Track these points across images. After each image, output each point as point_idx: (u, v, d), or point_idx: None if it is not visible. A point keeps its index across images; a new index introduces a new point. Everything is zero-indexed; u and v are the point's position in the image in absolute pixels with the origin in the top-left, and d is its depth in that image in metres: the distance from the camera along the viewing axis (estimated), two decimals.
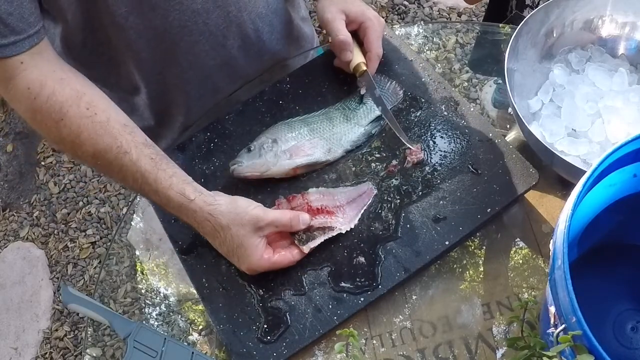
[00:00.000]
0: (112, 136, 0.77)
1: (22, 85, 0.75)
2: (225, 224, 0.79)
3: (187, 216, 0.80)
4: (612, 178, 0.68)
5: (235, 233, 0.79)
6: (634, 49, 0.96)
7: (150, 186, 0.78)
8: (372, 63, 0.95)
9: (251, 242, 0.79)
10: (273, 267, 0.81)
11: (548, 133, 0.89)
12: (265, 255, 0.80)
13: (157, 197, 0.80)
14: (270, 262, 0.80)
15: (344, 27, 0.93)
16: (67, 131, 0.76)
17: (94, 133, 0.76)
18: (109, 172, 0.80)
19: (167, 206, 0.80)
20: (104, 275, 1.02)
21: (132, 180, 0.78)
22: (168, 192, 0.78)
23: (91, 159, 0.78)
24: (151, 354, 0.75)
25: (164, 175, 0.79)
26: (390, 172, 0.89)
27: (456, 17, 2.46)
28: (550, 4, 0.91)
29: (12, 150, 2.48)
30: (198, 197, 0.79)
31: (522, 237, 0.85)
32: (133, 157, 0.77)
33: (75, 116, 0.76)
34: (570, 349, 0.54)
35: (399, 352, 0.79)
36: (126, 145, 0.77)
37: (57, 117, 0.75)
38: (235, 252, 0.80)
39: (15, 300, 2.10)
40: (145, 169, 0.78)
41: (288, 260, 0.81)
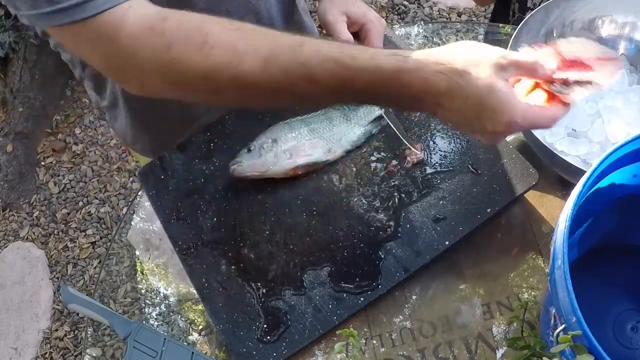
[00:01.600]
0: (275, 37, 0.63)
1: (140, 28, 0.61)
2: (461, 68, 0.60)
3: (408, 85, 0.61)
4: (612, 178, 0.68)
5: (477, 78, 0.60)
6: (634, 49, 0.96)
7: (351, 68, 0.61)
8: None
9: (500, 86, 0.60)
10: (535, 122, 0.62)
11: (548, 133, 0.89)
12: (524, 102, 0.61)
13: (364, 77, 0.61)
14: (532, 111, 0.61)
15: (345, 28, 0.93)
16: (218, 53, 0.61)
17: (254, 38, 0.62)
18: (288, 83, 0.62)
19: (379, 82, 0.62)
20: (104, 275, 1.02)
21: (323, 74, 0.61)
22: (376, 60, 0.61)
23: (261, 75, 0.61)
24: (151, 354, 0.75)
25: (357, 49, 0.63)
26: (390, 172, 0.89)
27: (456, 17, 2.46)
28: (550, 4, 0.92)
29: (12, 150, 2.48)
30: (412, 53, 0.62)
31: (522, 237, 0.85)
32: (312, 46, 0.62)
33: (221, 32, 0.62)
34: (570, 349, 0.54)
35: (399, 352, 0.79)
36: (298, 39, 0.62)
37: (200, 41, 0.61)
38: (485, 108, 0.60)
39: (15, 300, 2.10)
40: (335, 51, 0.61)
41: (551, 114, 0.62)
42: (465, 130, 0.66)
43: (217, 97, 0.66)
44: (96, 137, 2.46)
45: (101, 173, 2.33)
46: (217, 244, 0.88)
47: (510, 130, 0.63)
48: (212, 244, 0.88)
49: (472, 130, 0.65)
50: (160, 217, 0.92)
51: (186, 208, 0.92)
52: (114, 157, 2.37)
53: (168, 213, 0.92)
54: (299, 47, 0.61)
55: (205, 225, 0.90)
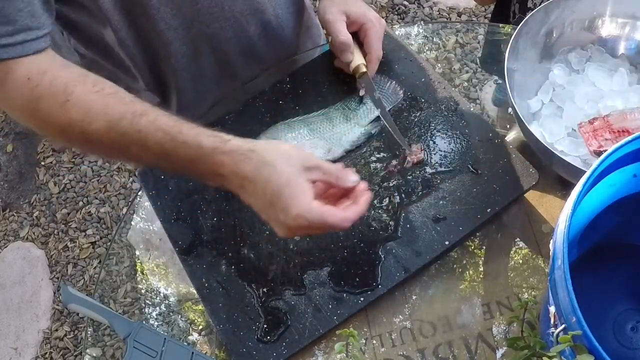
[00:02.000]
0: (124, 103, 0.71)
1: (21, 76, 0.69)
2: (269, 160, 0.68)
3: (220, 164, 0.69)
4: (612, 178, 0.68)
5: (281, 170, 0.67)
6: (634, 49, 0.96)
7: (176, 140, 0.69)
8: (372, 65, 0.95)
9: (300, 182, 0.67)
10: (323, 222, 0.68)
11: (548, 133, 0.89)
12: (316, 201, 0.68)
13: (185, 150, 0.69)
14: (321, 212, 0.67)
15: (344, 28, 0.93)
16: (75, 110, 0.69)
17: (105, 105, 0.70)
18: (124, 145, 0.70)
19: (197, 157, 0.69)
20: (104, 275, 1.02)
21: (152, 142, 0.69)
22: (199, 138, 0.69)
23: (105, 135, 0.70)
24: (151, 354, 0.75)
25: (188, 126, 0.71)
26: (390, 172, 0.89)
27: (456, 17, 2.46)
28: (550, 4, 0.92)
29: (12, 150, 2.48)
30: (233, 138, 0.70)
31: (522, 237, 0.85)
32: (150, 117, 0.70)
33: (82, 93, 0.70)
34: (570, 349, 0.54)
35: (399, 352, 0.79)
36: (141, 108, 0.71)
37: (63, 99, 0.69)
38: (279, 197, 0.67)
39: (15, 300, 2.10)
40: (167, 124, 0.70)
41: (342, 215, 0.69)
42: (262, 215, 0.71)
43: (70, 145, 0.80)
44: None
45: (101, 173, 2.33)
46: (217, 244, 0.88)
47: (299, 224, 0.68)
48: (212, 244, 0.88)
49: (267, 217, 0.71)
50: (160, 217, 0.92)
51: (186, 208, 0.92)
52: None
53: (168, 213, 0.92)
54: (140, 116, 0.70)
55: (205, 225, 0.90)
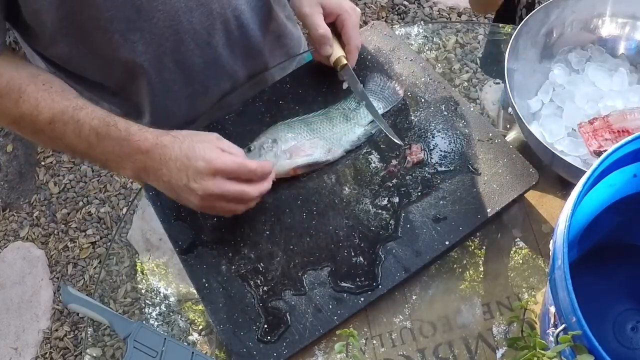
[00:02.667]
0: (68, 100, 0.81)
1: None
2: (187, 134, 0.81)
3: (144, 139, 0.79)
4: (612, 178, 0.68)
5: (197, 136, 0.81)
6: (634, 49, 0.96)
7: (108, 125, 0.80)
8: (352, 55, 0.94)
9: (215, 143, 0.80)
10: (242, 167, 0.79)
11: (548, 133, 0.89)
12: (231, 151, 0.81)
13: (115, 132, 0.80)
14: (240, 159, 0.80)
15: (322, 21, 0.92)
16: (26, 106, 0.81)
17: (51, 100, 0.81)
18: (63, 133, 0.81)
19: (125, 137, 0.80)
20: (104, 275, 1.02)
21: (88, 129, 0.80)
22: (128, 124, 0.81)
23: (48, 126, 0.81)
24: (151, 354, 0.75)
25: (120, 118, 0.81)
26: (390, 172, 0.89)
27: (456, 17, 2.46)
28: (550, 4, 0.92)
29: (12, 150, 2.48)
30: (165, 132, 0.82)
31: (522, 237, 0.85)
32: (89, 110, 0.81)
33: (33, 91, 0.81)
34: (570, 349, 0.54)
35: (399, 352, 0.79)
36: (82, 103, 0.82)
37: (17, 96, 0.80)
38: (194, 150, 0.78)
39: (15, 300, 2.10)
40: (102, 114, 0.81)
41: (260, 165, 0.81)
42: (178, 184, 0.79)
43: (21, 134, 0.87)
44: None
45: (101, 173, 2.33)
46: (217, 244, 0.88)
47: (215, 181, 0.78)
48: (212, 244, 0.88)
49: (183, 183, 0.79)
50: (160, 217, 0.92)
51: (186, 208, 0.91)
52: None
53: (168, 213, 0.92)
54: (80, 109, 0.81)
55: (205, 225, 0.90)
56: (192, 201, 0.80)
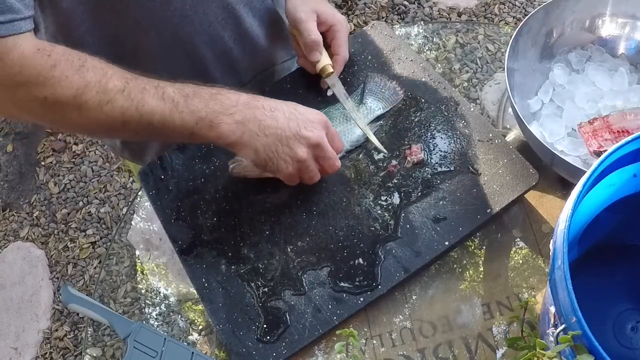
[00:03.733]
0: (134, 73, 0.77)
1: (28, 49, 0.71)
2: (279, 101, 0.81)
3: (239, 95, 0.78)
4: (612, 178, 0.68)
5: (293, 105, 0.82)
6: (634, 49, 0.96)
7: (197, 86, 0.78)
8: (339, 66, 0.97)
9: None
10: (335, 135, 0.82)
11: (548, 133, 0.89)
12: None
13: (205, 90, 0.77)
14: (330, 124, 0.83)
15: (315, 27, 0.93)
16: (91, 73, 0.73)
17: (118, 69, 0.75)
18: (140, 99, 0.75)
19: (218, 93, 0.78)
20: (104, 275, 1.02)
21: (171, 90, 0.76)
22: (215, 87, 0.79)
23: (121, 94, 0.74)
24: (151, 354, 0.75)
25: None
26: (390, 172, 0.89)
27: (456, 17, 2.46)
28: (550, 4, 0.92)
29: (12, 150, 2.48)
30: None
31: (522, 237, 0.85)
32: (163, 81, 0.77)
33: (95, 60, 0.75)
34: (570, 349, 0.54)
35: (399, 352, 0.79)
36: (153, 78, 0.77)
37: (78, 64, 0.73)
38: (298, 107, 0.81)
39: (15, 300, 2.10)
40: (182, 83, 0.78)
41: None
42: (285, 131, 0.78)
43: (79, 114, 0.74)
44: None
45: (101, 173, 2.33)
46: (217, 244, 0.88)
47: (318, 133, 0.79)
48: (212, 244, 0.88)
49: (291, 129, 0.78)
50: (160, 217, 0.92)
51: (186, 208, 0.92)
52: (114, 157, 2.37)
53: (168, 213, 0.92)
54: (154, 79, 0.76)
55: (205, 225, 0.90)
56: (297, 152, 0.79)
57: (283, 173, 0.82)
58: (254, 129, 0.77)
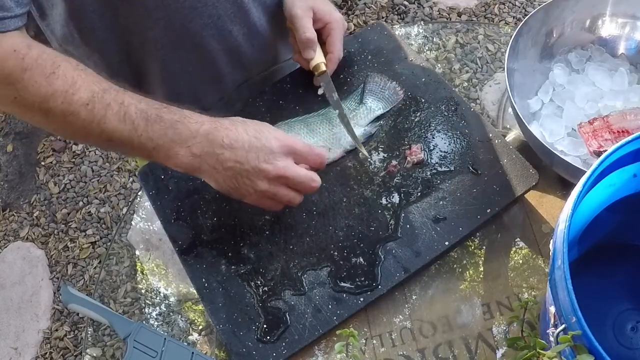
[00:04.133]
0: (107, 82, 0.76)
1: (6, 49, 0.71)
2: (240, 119, 0.79)
3: (202, 122, 0.76)
4: (612, 178, 0.68)
5: (257, 122, 0.80)
6: (634, 49, 0.96)
7: (160, 108, 0.76)
8: (332, 64, 0.96)
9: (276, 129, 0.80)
10: (309, 152, 0.80)
11: (548, 133, 0.89)
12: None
13: (168, 114, 0.75)
14: (306, 144, 0.80)
15: (311, 24, 0.93)
16: (60, 82, 0.72)
17: (90, 80, 0.74)
18: (103, 116, 0.74)
19: (180, 120, 0.75)
20: (104, 275, 1.02)
21: (135, 111, 0.74)
22: (181, 108, 0.77)
23: (85, 107, 0.73)
24: (151, 354, 0.75)
25: (172, 106, 0.77)
26: (390, 172, 0.89)
27: (456, 17, 2.46)
28: (550, 4, 0.92)
29: (12, 150, 2.48)
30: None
31: (522, 237, 0.85)
32: (134, 94, 0.76)
33: (68, 68, 0.74)
34: (570, 349, 0.54)
35: (399, 352, 0.79)
36: (122, 88, 0.76)
37: (49, 71, 0.72)
38: (261, 132, 0.77)
39: (15, 300, 2.10)
40: (149, 100, 0.76)
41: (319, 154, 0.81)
42: (244, 163, 0.76)
43: (46, 121, 0.75)
44: None
45: (101, 173, 2.33)
46: (217, 244, 0.88)
47: (283, 161, 0.76)
48: (212, 244, 0.88)
49: (251, 162, 0.76)
50: (160, 217, 0.92)
51: (186, 208, 0.92)
52: (114, 157, 2.37)
53: (168, 213, 0.92)
54: (123, 92, 0.75)
55: (205, 225, 0.90)
56: (257, 186, 0.77)
57: (251, 201, 0.80)
58: (212, 162, 0.76)
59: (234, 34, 0.98)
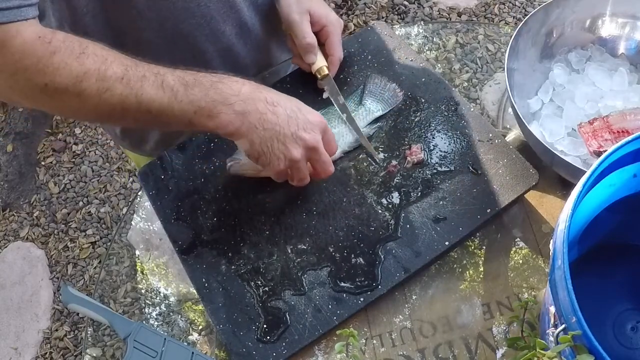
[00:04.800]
0: (134, 59, 0.76)
1: (30, 36, 0.70)
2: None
3: (242, 83, 0.77)
4: (612, 178, 0.68)
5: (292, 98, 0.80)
6: (634, 49, 0.96)
7: (197, 74, 0.77)
8: (334, 66, 0.97)
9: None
10: (332, 139, 0.82)
11: (548, 133, 0.89)
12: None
13: (206, 77, 0.76)
14: (329, 129, 0.82)
15: (310, 29, 0.94)
16: (91, 60, 0.72)
17: (119, 56, 0.74)
18: (139, 88, 0.74)
19: (219, 81, 0.77)
20: (104, 275, 1.02)
21: (172, 77, 0.75)
22: (218, 74, 0.78)
23: (120, 82, 0.73)
24: (151, 354, 0.75)
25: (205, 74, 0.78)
26: (390, 172, 0.89)
27: (456, 17, 2.46)
28: (551, 4, 0.92)
29: (12, 150, 2.48)
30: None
31: (522, 237, 0.85)
32: (165, 66, 0.76)
33: (97, 47, 0.74)
34: (570, 349, 0.54)
35: (399, 352, 0.79)
36: (154, 64, 0.76)
37: (79, 51, 0.72)
38: (301, 105, 0.80)
39: (15, 300, 2.10)
40: (183, 69, 0.76)
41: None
42: (288, 123, 0.77)
43: (79, 101, 0.73)
44: (96, 137, 2.46)
45: (101, 173, 2.33)
46: (217, 244, 0.88)
47: (316, 131, 0.78)
48: (212, 244, 0.88)
49: (293, 122, 0.77)
50: (160, 217, 0.92)
51: (186, 208, 0.92)
52: (114, 157, 2.37)
53: (168, 213, 0.92)
54: (154, 66, 0.75)
55: (205, 225, 0.90)
56: (292, 152, 0.78)
57: (274, 169, 0.81)
58: (254, 122, 0.76)
59: (226, 34, 0.98)
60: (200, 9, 0.91)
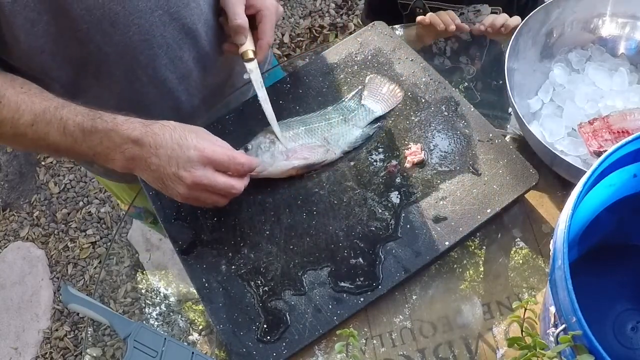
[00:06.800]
0: (48, 100, 0.81)
1: None
2: (174, 123, 0.82)
3: (133, 128, 0.80)
4: (612, 178, 0.68)
5: (187, 127, 0.82)
6: (634, 49, 0.96)
7: (94, 119, 0.80)
8: (262, 51, 0.95)
9: (205, 135, 0.82)
10: (231, 159, 0.81)
11: (548, 133, 0.89)
12: (221, 145, 0.82)
13: (102, 124, 0.80)
14: (230, 152, 0.82)
15: (243, 11, 0.93)
16: (6, 110, 0.80)
17: (31, 102, 0.80)
18: (46, 133, 0.80)
19: (113, 128, 0.80)
20: (104, 275, 1.02)
21: (72, 125, 0.80)
22: (114, 115, 0.81)
23: (30, 128, 0.80)
24: (151, 354, 0.75)
25: (106, 114, 0.82)
26: (390, 172, 0.89)
27: None
28: (551, 4, 0.92)
29: (12, 150, 2.48)
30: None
31: (522, 237, 0.85)
32: (71, 107, 0.81)
33: (12, 95, 0.80)
34: (570, 349, 0.54)
35: (399, 352, 0.79)
36: (62, 102, 0.82)
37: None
38: (186, 139, 0.80)
39: (15, 300, 2.10)
40: (85, 110, 0.81)
41: (248, 160, 0.83)
42: (166, 172, 0.80)
43: (2, 141, 0.85)
44: None
45: None
46: (217, 244, 0.88)
47: (203, 171, 0.79)
48: (212, 244, 0.88)
49: (171, 170, 0.79)
50: (160, 217, 0.92)
51: (186, 208, 0.92)
52: None
53: (168, 213, 0.92)
54: (62, 107, 0.81)
55: (205, 225, 0.90)
56: (178, 190, 0.80)
57: (180, 201, 0.83)
58: (142, 165, 0.81)
59: (184, 60, 0.97)
60: (157, 39, 0.91)
